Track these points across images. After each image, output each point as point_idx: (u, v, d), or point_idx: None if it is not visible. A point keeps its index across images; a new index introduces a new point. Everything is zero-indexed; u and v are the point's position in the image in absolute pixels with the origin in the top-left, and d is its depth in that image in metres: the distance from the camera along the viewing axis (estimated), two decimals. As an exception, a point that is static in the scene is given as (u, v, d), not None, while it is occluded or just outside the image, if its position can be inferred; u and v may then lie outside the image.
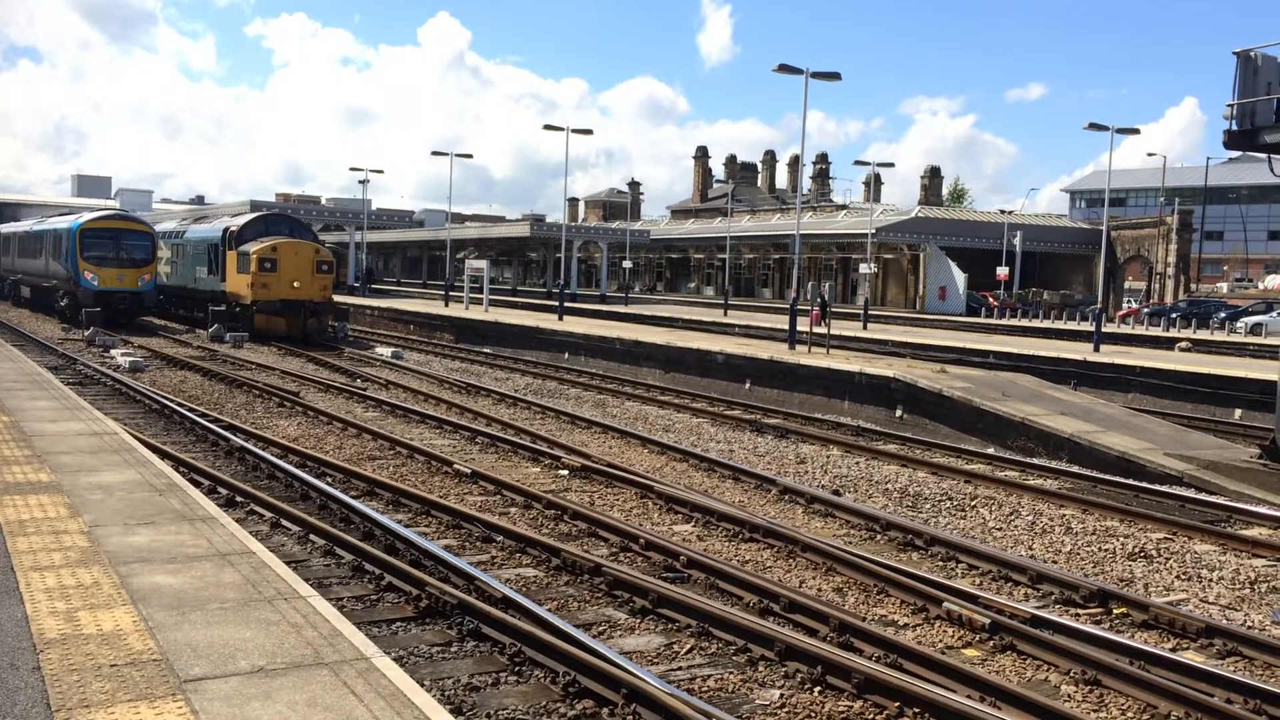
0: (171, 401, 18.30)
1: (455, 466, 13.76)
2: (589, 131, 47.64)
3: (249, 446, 14.31)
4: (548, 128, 46.87)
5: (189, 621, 5.65)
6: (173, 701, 4.61)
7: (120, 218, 39.92)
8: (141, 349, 28.82)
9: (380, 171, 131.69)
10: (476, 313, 42.82)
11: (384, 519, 10.55)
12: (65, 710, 4.46)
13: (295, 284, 32.45)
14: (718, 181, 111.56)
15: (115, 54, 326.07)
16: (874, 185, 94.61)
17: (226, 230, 34.58)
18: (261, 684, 4.85)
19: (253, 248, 32.46)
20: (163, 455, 12.60)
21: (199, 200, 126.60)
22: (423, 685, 5.92)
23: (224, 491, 11.74)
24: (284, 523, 10.61)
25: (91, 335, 30.48)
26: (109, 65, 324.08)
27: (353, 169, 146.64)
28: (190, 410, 17.43)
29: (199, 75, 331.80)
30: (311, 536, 10.11)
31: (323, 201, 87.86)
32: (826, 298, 29.27)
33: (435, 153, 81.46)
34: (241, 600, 6.06)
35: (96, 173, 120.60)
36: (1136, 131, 40.58)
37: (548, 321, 37.29)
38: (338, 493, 11.70)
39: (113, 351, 27.44)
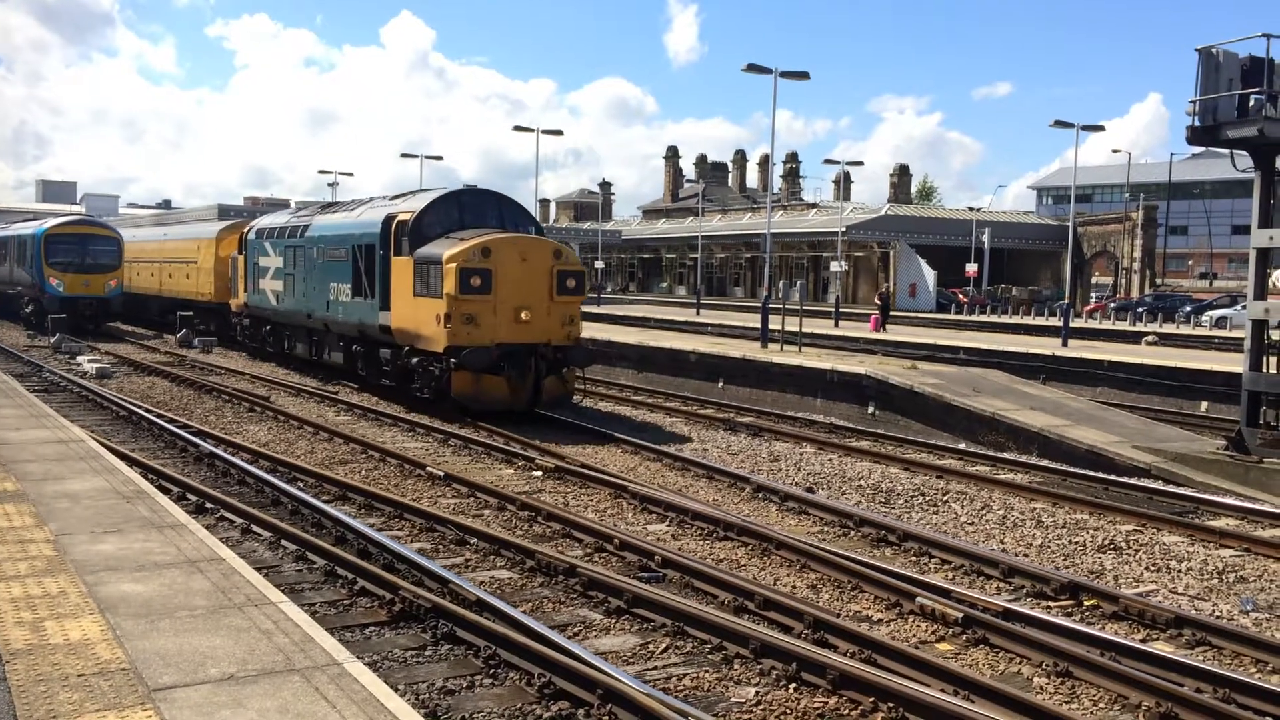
0: (139, 408, 18.11)
1: (428, 469, 13.70)
2: (559, 133, 47.78)
3: (218, 452, 14.18)
4: (517, 129, 46.87)
5: (158, 630, 5.58)
6: (141, 711, 4.55)
7: (85, 223, 39.60)
8: (108, 355, 28.51)
9: (350, 174, 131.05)
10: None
11: (356, 523, 10.48)
12: (32, 722, 4.40)
13: (523, 314, 18.24)
14: (688, 181, 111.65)
15: (73, 57, 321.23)
16: (844, 184, 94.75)
17: (392, 220, 20.08)
18: (232, 691, 4.81)
19: (445, 250, 18.23)
20: (130, 462, 12.45)
21: (165, 204, 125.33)
22: (396, 690, 5.89)
23: (193, 498, 11.62)
24: (255, 529, 10.51)
25: (57, 342, 30.13)
26: (67, 69, 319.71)
27: (321, 171, 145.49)
28: (158, 416, 17.25)
29: (160, 78, 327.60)
30: (283, 542, 10.03)
31: (291, 205, 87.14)
32: (888, 297, 27.82)
33: (405, 155, 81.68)
34: (211, 607, 5.99)
35: (60, 178, 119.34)
36: (1101, 128, 41.30)
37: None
38: (309, 497, 11.61)
39: (79, 358, 27.15)
